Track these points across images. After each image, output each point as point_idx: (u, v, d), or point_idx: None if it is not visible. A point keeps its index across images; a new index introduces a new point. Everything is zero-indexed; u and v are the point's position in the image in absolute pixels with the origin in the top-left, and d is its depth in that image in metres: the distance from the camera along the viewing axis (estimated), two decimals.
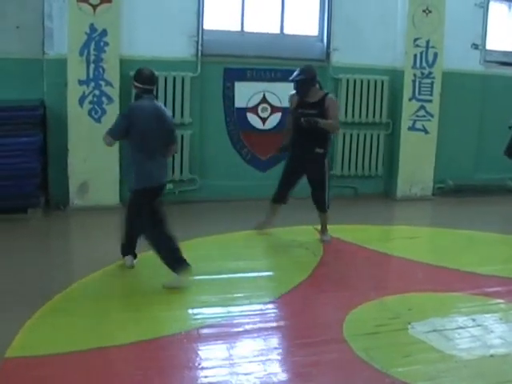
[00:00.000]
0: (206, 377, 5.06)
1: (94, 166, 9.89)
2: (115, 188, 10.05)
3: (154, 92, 8.07)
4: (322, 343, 5.70)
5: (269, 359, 5.41)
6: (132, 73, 8.03)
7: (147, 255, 7.49)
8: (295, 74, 8.51)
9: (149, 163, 7.02)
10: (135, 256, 7.52)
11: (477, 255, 8.48)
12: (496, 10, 12.66)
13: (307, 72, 8.39)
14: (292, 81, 8.51)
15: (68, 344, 5.43)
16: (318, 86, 8.57)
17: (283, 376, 5.16)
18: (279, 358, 5.49)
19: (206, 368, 5.22)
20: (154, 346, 5.52)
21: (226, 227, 9.14)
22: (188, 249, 8.22)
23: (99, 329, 5.83)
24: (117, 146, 9.87)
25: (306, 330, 6.00)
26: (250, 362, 5.32)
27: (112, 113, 9.79)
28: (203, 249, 8.37)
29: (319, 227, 8.79)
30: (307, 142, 8.44)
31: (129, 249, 7.47)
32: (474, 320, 6.31)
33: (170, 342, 5.65)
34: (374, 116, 11.52)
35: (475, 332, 6.07)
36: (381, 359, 4.74)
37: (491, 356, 5.61)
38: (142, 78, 7.17)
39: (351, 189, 11.69)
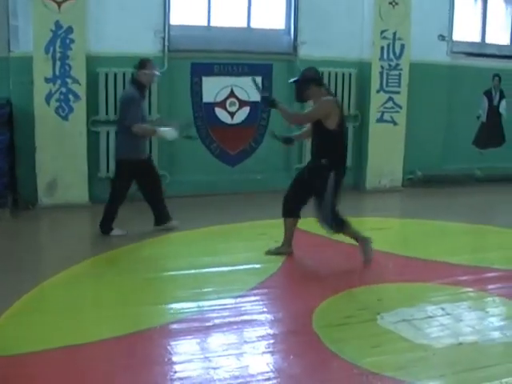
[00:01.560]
0: (176, 372, 5.04)
1: (62, 163, 9.84)
2: (84, 186, 10.00)
3: None
4: (292, 335, 5.72)
5: (239, 353, 5.41)
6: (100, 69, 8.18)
7: (117, 252, 7.48)
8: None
9: None
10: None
11: (445, 245, 8.53)
12: (462, 1, 12.73)
13: (303, 74, 7.71)
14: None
15: (39, 342, 5.39)
16: (322, 88, 7.64)
17: (253, 369, 5.15)
18: (249, 351, 5.48)
19: (177, 363, 5.21)
20: (126, 343, 5.50)
21: (196, 223, 9.13)
22: (157, 245, 8.26)
23: (70, 327, 5.79)
24: (84, 142, 9.88)
25: (276, 323, 6.02)
26: (220, 356, 5.31)
27: (79, 110, 9.76)
28: (173, 244, 8.37)
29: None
30: (312, 150, 7.85)
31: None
32: (443, 309, 6.34)
33: (141, 337, 5.62)
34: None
35: (444, 321, 6.11)
36: (350, 350, 4.76)
37: (460, 344, 5.64)
38: None
39: None
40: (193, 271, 7.36)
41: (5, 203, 9.46)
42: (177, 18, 10.74)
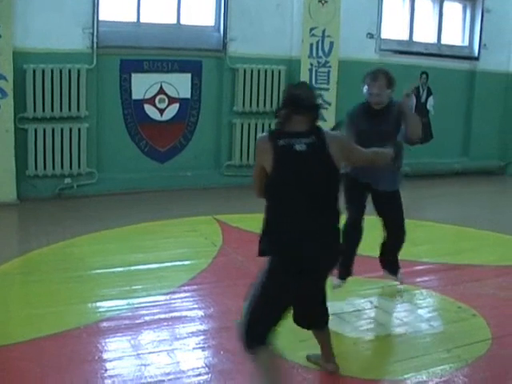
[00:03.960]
0: (107, 370, 5.01)
1: None
2: (12, 184, 9.83)
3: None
4: (222, 331, 5.73)
5: (170, 349, 5.40)
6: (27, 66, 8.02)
7: (45, 250, 7.39)
8: None
9: None
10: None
11: (373, 239, 8.61)
12: (390, 0, 12.90)
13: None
14: None
15: None
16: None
17: (184, 365, 5.15)
18: (180, 347, 5.48)
19: (107, 360, 5.18)
20: (53, 342, 5.44)
21: (125, 220, 9.07)
22: (86, 243, 8.19)
23: None
24: (11, 139, 9.72)
25: (207, 319, 6.03)
26: (151, 352, 5.31)
27: (6, 107, 9.60)
28: (102, 242, 8.29)
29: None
30: None
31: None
32: (371, 302, 6.46)
33: (69, 336, 5.57)
34: (271, 105, 11.58)
35: (373, 314, 6.22)
36: (280, 344, 4.77)
37: (388, 336, 5.75)
38: None
39: (250, 178, 11.68)
40: (122, 269, 7.32)
41: None
42: (106, 13, 10.62)
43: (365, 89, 6.33)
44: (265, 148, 4.47)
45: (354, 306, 6.32)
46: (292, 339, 5.37)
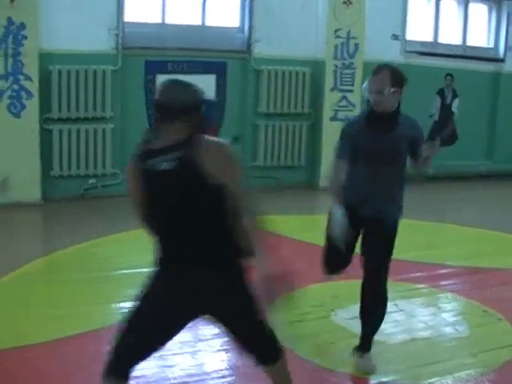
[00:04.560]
0: None
1: (13, 162, 9.71)
2: (36, 184, 9.89)
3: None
4: None
5: (194, 351, 5.41)
6: (53, 67, 8.06)
7: (69, 251, 7.41)
8: None
9: None
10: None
11: (398, 242, 8.56)
12: (415, 1, 12.84)
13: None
14: None
15: None
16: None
17: (208, 367, 5.15)
18: (205, 349, 5.48)
19: None
20: (77, 342, 5.45)
21: None
22: (110, 243, 8.20)
23: (19, 328, 5.72)
24: (37, 139, 9.76)
25: None
26: (175, 354, 5.30)
27: (32, 108, 9.66)
28: (126, 243, 8.31)
29: None
30: None
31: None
32: (396, 305, 6.40)
33: (93, 337, 5.58)
34: (295, 107, 11.58)
35: (398, 317, 6.18)
36: (305, 347, 4.77)
37: (413, 340, 5.71)
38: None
39: (274, 179, 11.70)
40: (146, 269, 7.28)
41: None
42: (131, 15, 10.67)
43: (364, 87, 5.32)
44: (133, 174, 3.70)
45: None
46: (318, 342, 5.37)
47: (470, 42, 13.61)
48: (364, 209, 5.12)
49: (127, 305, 6.22)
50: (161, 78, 10.72)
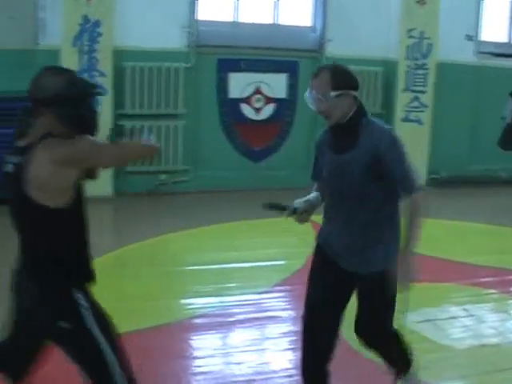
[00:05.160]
0: (198, 366, 5.08)
1: None
2: (109, 179, 9.97)
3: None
4: None
5: (261, 349, 5.44)
6: (126, 63, 8.10)
7: (141, 245, 7.50)
8: None
9: None
10: None
11: (469, 246, 8.51)
12: (489, 1, 12.66)
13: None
14: None
15: None
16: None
17: (276, 365, 5.17)
18: (272, 347, 5.50)
19: (199, 357, 5.25)
20: (146, 336, 5.53)
21: (219, 218, 9.13)
22: (180, 239, 8.29)
23: None
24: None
25: (299, 320, 5.97)
26: (243, 351, 5.35)
27: (105, 104, 9.78)
28: (195, 239, 8.38)
29: None
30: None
31: None
32: (466, 310, 6.34)
33: (162, 332, 5.66)
34: (367, 107, 11.45)
35: (467, 322, 6.12)
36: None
37: (483, 346, 5.64)
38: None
39: None
40: (215, 266, 7.37)
41: None
42: (204, 13, 10.75)
43: (305, 96, 3.99)
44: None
45: (448, 313, 6.24)
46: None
47: None
48: (339, 260, 4.07)
49: (195, 301, 6.36)
50: (233, 77, 10.81)
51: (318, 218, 4.26)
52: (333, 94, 3.80)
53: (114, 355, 3.57)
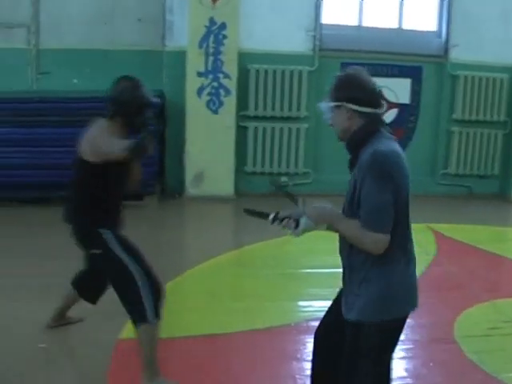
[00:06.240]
0: None
1: (209, 156, 10.07)
2: (230, 179, 10.19)
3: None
4: (433, 343, 5.66)
5: None
6: (251, 66, 8.25)
7: (259, 246, 7.57)
8: None
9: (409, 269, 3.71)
10: None
11: None
12: None
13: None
14: None
15: (179, 329, 5.59)
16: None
17: (392, 374, 5.14)
18: None
19: None
20: (263, 336, 5.60)
21: None
22: (299, 241, 8.25)
23: (209, 316, 5.97)
24: (232, 136, 10.06)
25: (417, 329, 5.95)
26: None
27: (229, 105, 9.96)
28: (315, 242, 8.36)
29: None
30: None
31: None
32: None
33: (279, 332, 5.71)
34: (491, 114, 11.28)
35: None
36: (492, 363, 4.66)
37: None
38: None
39: (465, 188, 11.48)
40: (333, 270, 7.34)
41: (153, 191, 9.75)
42: (328, 17, 10.77)
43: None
44: None
45: None
46: (506, 360, 5.24)
47: None
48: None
49: (313, 303, 6.38)
50: None
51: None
52: (331, 104, 3.59)
53: (138, 265, 4.58)
